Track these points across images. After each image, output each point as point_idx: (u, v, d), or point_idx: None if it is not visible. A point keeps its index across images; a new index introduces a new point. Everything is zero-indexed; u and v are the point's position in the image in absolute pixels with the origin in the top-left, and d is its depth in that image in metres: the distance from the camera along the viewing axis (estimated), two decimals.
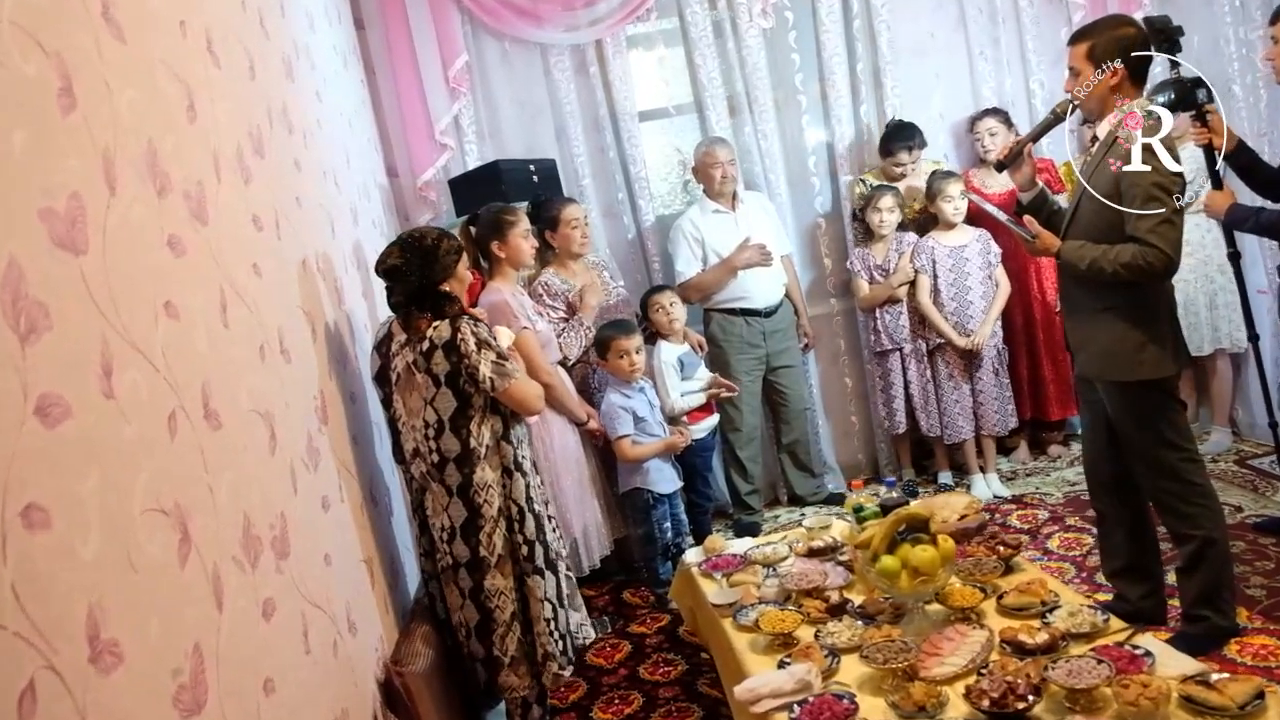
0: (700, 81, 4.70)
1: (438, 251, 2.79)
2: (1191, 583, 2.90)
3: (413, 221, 4.61)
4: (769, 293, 4.46)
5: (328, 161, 3.25)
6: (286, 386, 2.25)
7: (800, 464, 4.74)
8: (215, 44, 2.18)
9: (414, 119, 4.54)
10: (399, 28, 4.47)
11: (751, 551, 3.17)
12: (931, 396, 4.56)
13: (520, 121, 4.63)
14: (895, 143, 4.61)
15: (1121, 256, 2.72)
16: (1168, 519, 2.94)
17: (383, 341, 2.87)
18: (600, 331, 3.74)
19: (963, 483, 4.63)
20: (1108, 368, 2.89)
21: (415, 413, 2.78)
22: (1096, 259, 2.79)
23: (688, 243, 4.41)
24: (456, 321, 2.73)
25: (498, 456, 2.82)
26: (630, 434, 3.64)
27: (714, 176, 4.39)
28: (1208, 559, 2.85)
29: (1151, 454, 2.86)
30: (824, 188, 4.85)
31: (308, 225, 2.78)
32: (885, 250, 4.53)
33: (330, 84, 3.59)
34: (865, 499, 2.93)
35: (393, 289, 2.84)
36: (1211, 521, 2.85)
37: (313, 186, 2.95)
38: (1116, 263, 2.73)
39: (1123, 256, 2.72)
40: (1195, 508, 2.84)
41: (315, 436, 2.43)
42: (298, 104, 2.92)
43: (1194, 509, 2.84)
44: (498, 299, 3.38)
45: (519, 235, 3.47)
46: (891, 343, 4.55)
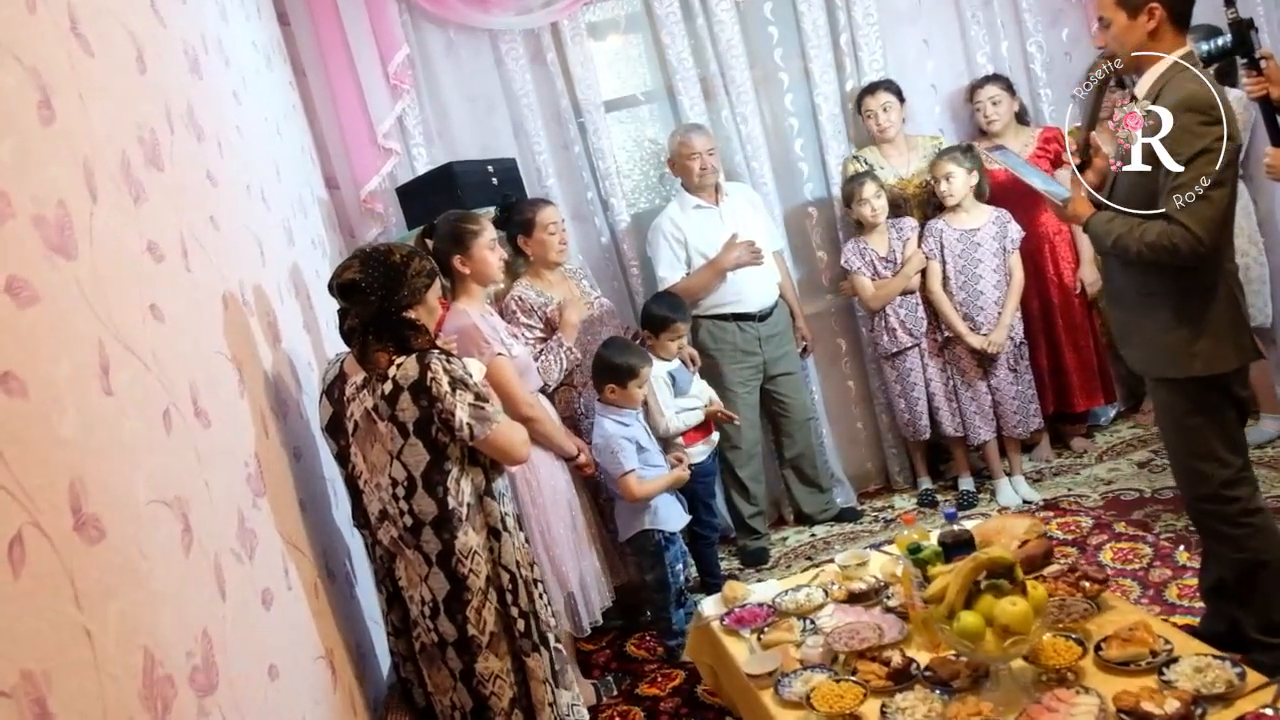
0: (669, 64, 4.23)
1: (405, 271, 2.31)
2: (1251, 613, 2.48)
3: (359, 238, 4.10)
4: (762, 294, 4.02)
5: (252, 174, 2.75)
6: (206, 459, 1.75)
7: (806, 479, 4.30)
8: (83, 25, 1.68)
9: (353, 123, 4.02)
10: (328, 21, 3.96)
11: (781, 600, 2.71)
12: (951, 394, 4.14)
13: (473, 118, 4.14)
14: (863, 96, 4.22)
15: (1147, 235, 2.32)
16: (1208, 541, 2.55)
17: (334, 384, 2.38)
18: (619, 357, 3.22)
19: (985, 488, 4.22)
20: (1155, 362, 2.48)
21: (379, 469, 2.29)
22: (1122, 236, 2.38)
23: (669, 244, 3.95)
24: (425, 357, 2.25)
25: (481, 516, 2.34)
26: (635, 468, 3.17)
27: (692, 169, 3.93)
28: (1261, 586, 2.44)
29: (1190, 465, 2.45)
30: (813, 173, 4.41)
31: (228, 250, 2.28)
32: (885, 240, 4.10)
33: (251, 85, 3.08)
34: (919, 534, 2.48)
35: (347, 311, 2.35)
36: (1261, 542, 2.43)
37: (233, 204, 2.45)
38: (1141, 241, 2.33)
39: (1148, 235, 2.31)
40: (1241, 529, 2.43)
41: (249, 514, 1.94)
42: (208, 106, 2.42)
43: (1240, 530, 2.43)
44: (465, 323, 2.89)
45: (484, 246, 2.98)
46: (910, 338, 4.10)
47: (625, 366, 3.18)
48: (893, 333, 4.14)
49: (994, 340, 3.95)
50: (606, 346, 3.29)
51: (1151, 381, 2.55)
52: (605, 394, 3.23)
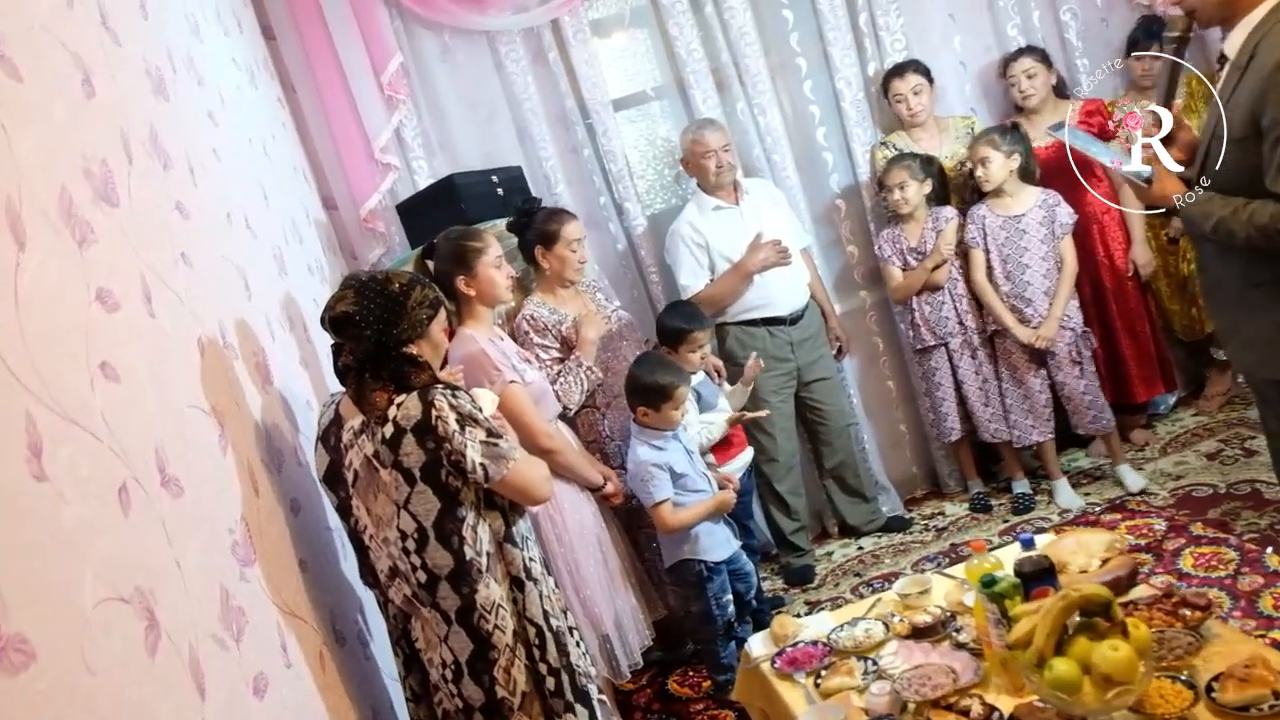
0: (679, 56, 3.98)
1: (405, 302, 2.07)
2: None
3: (362, 260, 3.88)
4: (793, 295, 3.76)
5: (234, 201, 2.52)
6: (177, 536, 1.52)
7: (849, 489, 4.04)
8: (10, 46, 1.46)
9: (347, 138, 3.80)
10: (316, 33, 3.73)
11: (837, 637, 2.45)
12: (993, 393, 3.86)
13: (474, 126, 3.90)
14: (889, 79, 3.95)
15: (1258, 217, 2.05)
16: None
17: (329, 429, 2.14)
18: (649, 376, 2.93)
19: (1042, 489, 3.94)
20: (1262, 361, 2.21)
21: (386, 521, 2.05)
22: (1225, 219, 2.11)
23: (689, 250, 3.69)
24: (428, 394, 2.01)
25: (503, 565, 2.10)
26: (669, 497, 2.92)
27: (708, 167, 3.68)
28: None
29: None
30: (839, 162, 4.14)
31: (204, 289, 2.05)
32: (919, 230, 3.83)
33: (232, 104, 2.86)
34: (991, 564, 2.21)
35: (341, 347, 2.12)
36: None
37: (210, 235, 2.22)
38: (1250, 225, 2.06)
39: (1259, 217, 2.05)
40: None
41: (236, 589, 1.70)
42: (177, 130, 2.19)
43: None
44: (473, 349, 2.66)
45: (489, 265, 2.74)
46: (935, 337, 3.84)
47: (657, 387, 2.91)
48: (917, 329, 3.88)
49: (1044, 335, 3.67)
50: (639, 364, 3.03)
51: (1261, 383, 2.28)
52: (638, 416, 2.97)
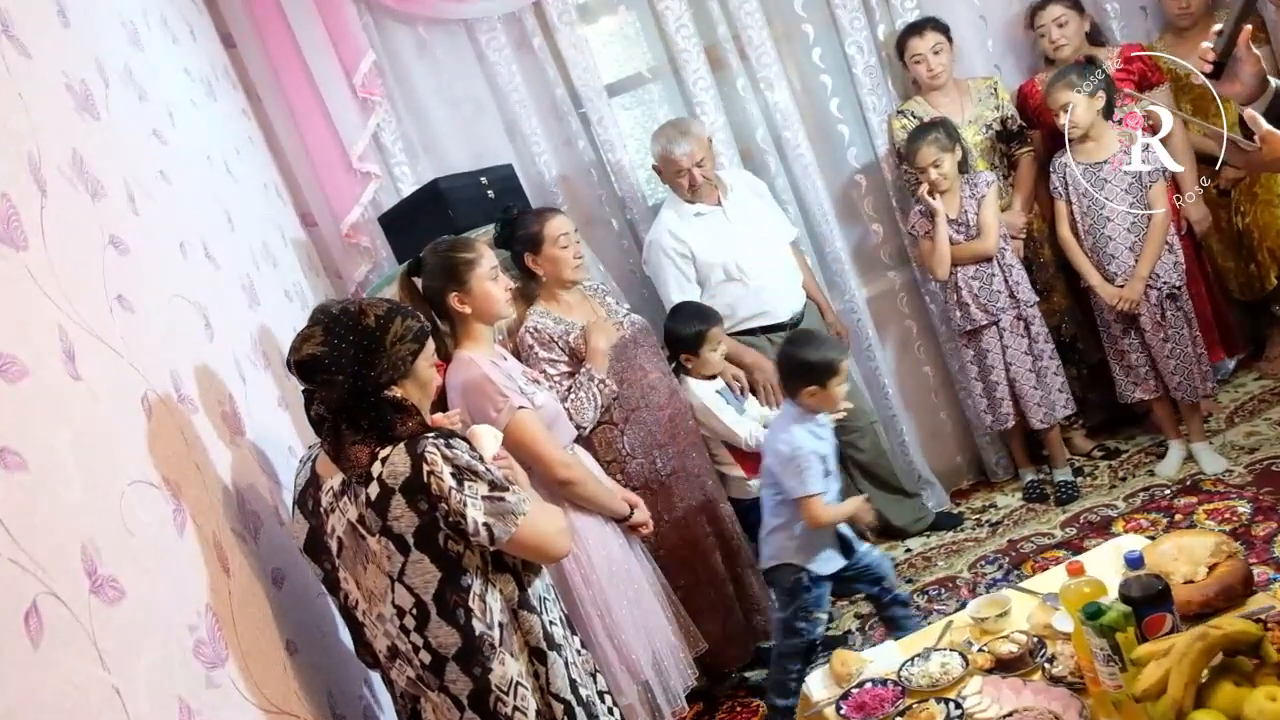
0: (668, 34, 3.66)
1: (383, 338, 1.76)
2: None
3: (347, 280, 3.58)
4: (789, 298, 3.45)
5: (189, 228, 2.22)
6: (115, 655, 1.23)
7: (887, 485, 3.71)
8: None
9: (322, 148, 3.50)
10: (278, 36, 3.43)
11: (909, 673, 2.15)
12: (1049, 372, 3.54)
13: (458, 125, 3.59)
14: (905, 39, 3.62)
15: None
16: None
17: (305, 491, 1.84)
18: (814, 353, 2.64)
19: (1126, 465, 3.64)
20: None
21: (379, 596, 1.75)
22: None
23: (673, 263, 3.35)
24: (417, 445, 1.71)
25: (519, 636, 1.80)
26: (823, 491, 2.64)
27: (679, 184, 3.33)
28: None
29: None
30: (855, 135, 3.82)
31: (151, 336, 1.75)
32: (956, 201, 3.50)
33: (185, 119, 2.56)
34: (1091, 588, 1.90)
35: (312, 395, 1.82)
36: None
37: (159, 272, 1.92)
38: None
39: None
40: None
41: (200, 700, 1.41)
42: (111, 152, 1.89)
43: None
44: (473, 374, 2.36)
45: (484, 278, 2.44)
46: (986, 315, 3.51)
47: (824, 363, 2.62)
48: (965, 308, 3.54)
49: (1127, 295, 3.33)
50: (792, 343, 2.77)
51: None
52: (803, 397, 2.68)
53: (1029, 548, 3.36)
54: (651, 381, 2.91)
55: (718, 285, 3.38)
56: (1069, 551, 3.19)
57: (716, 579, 2.96)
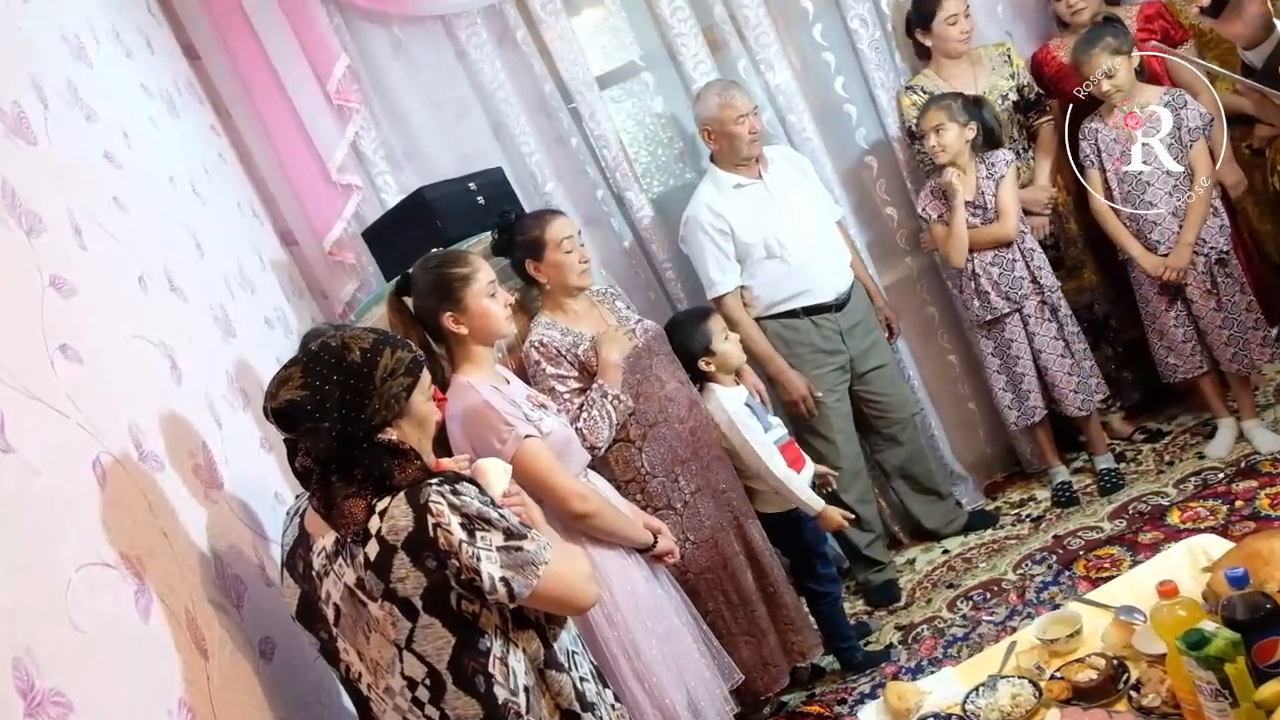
0: (661, 19, 3.44)
1: (372, 374, 1.54)
2: None
3: (334, 300, 3.36)
4: (836, 276, 3.23)
5: (150, 260, 2.01)
6: None
7: (922, 487, 3.50)
8: None
9: (298, 161, 3.27)
10: (245, 44, 3.20)
11: (977, 707, 1.93)
12: (1081, 356, 3.34)
13: (442, 128, 3.37)
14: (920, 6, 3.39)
15: None
16: None
17: (294, 552, 1.62)
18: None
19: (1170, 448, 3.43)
20: None
21: (385, 667, 1.53)
22: None
23: (712, 240, 3.15)
24: (419, 494, 1.49)
25: (548, 698, 1.59)
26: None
27: (740, 134, 3.11)
28: None
29: None
30: (863, 115, 3.59)
31: (103, 386, 1.53)
32: (973, 182, 3.28)
33: (143, 139, 2.34)
34: (1186, 606, 1.67)
35: (295, 444, 1.60)
36: None
37: (113, 312, 1.71)
38: None
39: None
40: None
41: None
42: (51, 179, 1.67)
43: None
44: (474, 402, 2.14)
45: (480, 294, 2.22)
46: (1008, 302, 3.29)
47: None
48: (984, 296, 3.31)
49: (1172, 264, 3.11)
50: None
51: None
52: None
53: (1077, 544, 3.15)
54: (669, 393, 2.69)
55: (757, 263, 3.17)
56: (1122, 547, 2.98)
57: (748, 600, 2.74)
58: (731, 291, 3.19)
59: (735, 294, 3.20)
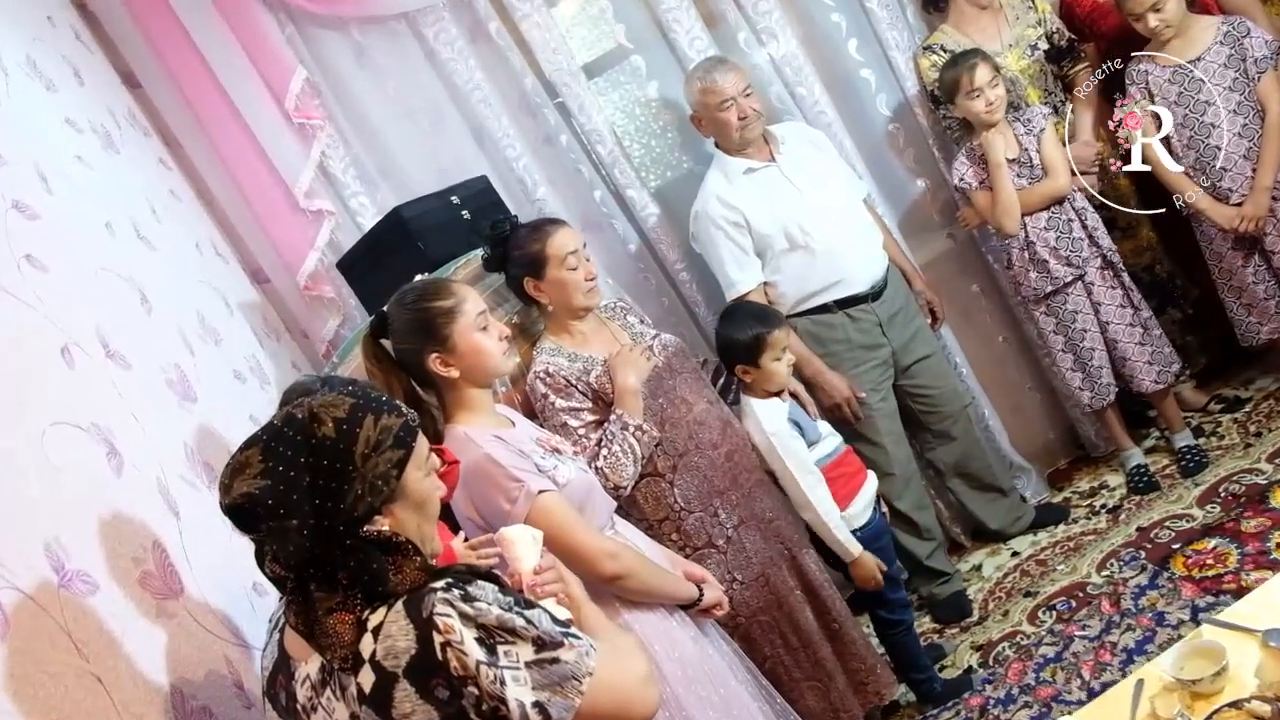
0: None
1: (350, 452, 1.21)
2: None
3: (315, 340, 3.03)
4: (870, 263, 2.90)
5: (78, 324, 1.69)
6: None
7: (981, 484, 3.17)
8: None
9: (261, 189, 2.94)
10: (190, 67, 2.86)
11: None
12: (1152, 324, 3.00)
13: (417, 139, 3.04)
14: None
15: None
16: None
17: (274, 679, 1.30)
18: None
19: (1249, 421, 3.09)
20: None
21: None
22: None
23: (726, 234, 2.82)
24: (421, 604, 1.17)
25: None
26: None
27: (727, 120, 2.80)
28: None
29: None
30: (882, 81, 3.25)
31: (9, 501, 1.21)
32: (1013, 140, 2.95)
33: (69, 182, 2.02)
34: None
35: (262, 547, 1.26)
36: None
37: (24, 397, 1.38)
38: None
39: None
40: None
41: None
42: None
43: None
44: (474, 457, 1.81)
45: (470, 328, 1.88)
46: (1070, 269, 2.95)
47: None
48: (1043, 265, 2.97)
49: (1248, 213, 2.76)
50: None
51: None
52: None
53: (1166, 536, 2.81)
54: (698, 415, 2.35)
55: (780, 256, 2.84)
56: (1224, 539, 2.64)
57: (810, 642, 2.41)
58: (754, 290, 2.85)
59: (759, 293, 2.86)
